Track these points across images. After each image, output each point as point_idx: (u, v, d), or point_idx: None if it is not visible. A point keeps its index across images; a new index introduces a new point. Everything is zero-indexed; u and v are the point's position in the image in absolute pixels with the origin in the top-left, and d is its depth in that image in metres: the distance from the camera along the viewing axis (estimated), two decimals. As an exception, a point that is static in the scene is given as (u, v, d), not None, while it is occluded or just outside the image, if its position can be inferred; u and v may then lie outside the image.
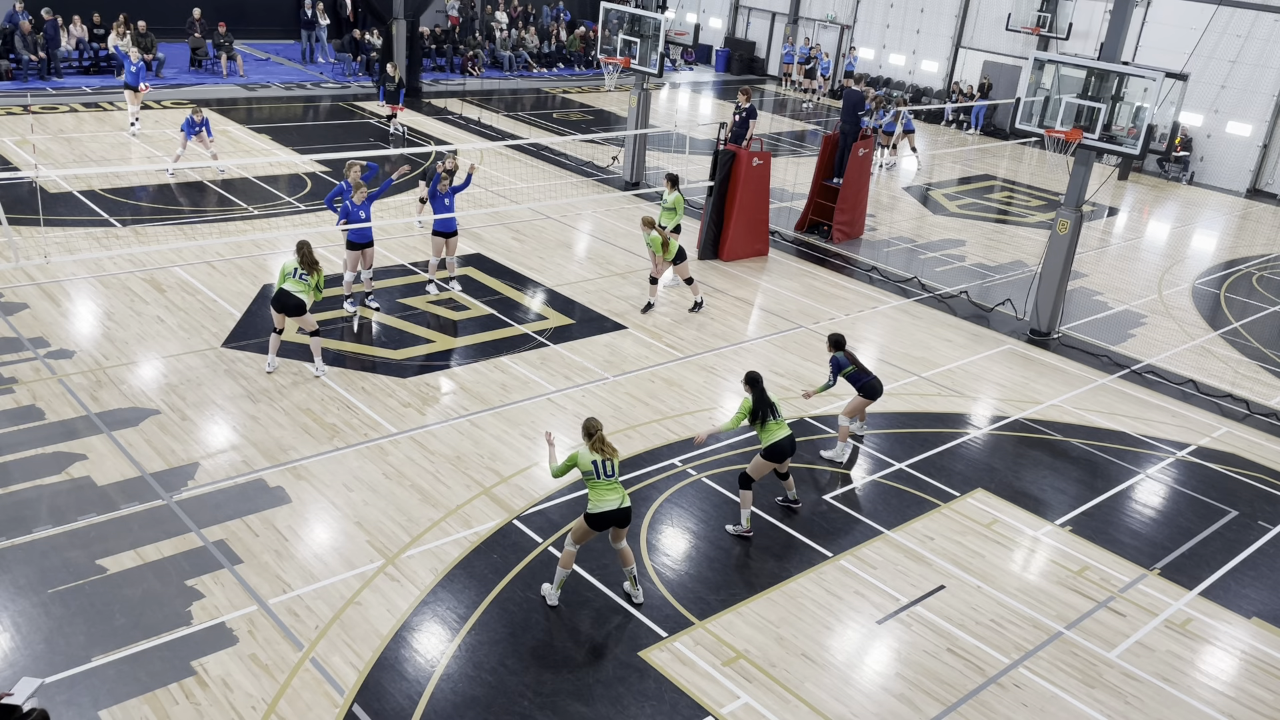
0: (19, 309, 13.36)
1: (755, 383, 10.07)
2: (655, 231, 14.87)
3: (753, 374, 10.15)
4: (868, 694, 8.30)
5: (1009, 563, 10.26)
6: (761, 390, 10.03)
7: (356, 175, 13.71)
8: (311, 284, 11.90)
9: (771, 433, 9.99)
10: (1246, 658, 9.26)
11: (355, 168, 13.75)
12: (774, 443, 9.99)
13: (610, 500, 8.53)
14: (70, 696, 7.44)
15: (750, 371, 10.18)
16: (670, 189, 16.04)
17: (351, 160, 14.00)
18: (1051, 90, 15.24)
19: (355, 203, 13.63)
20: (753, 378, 10.12)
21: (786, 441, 10.04)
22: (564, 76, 34.86)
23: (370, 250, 14.06)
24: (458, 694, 7.83)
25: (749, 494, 10.18)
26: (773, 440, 9.99)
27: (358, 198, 13.63)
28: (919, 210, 23.15)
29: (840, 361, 11.60)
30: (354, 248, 13.92)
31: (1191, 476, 12.34)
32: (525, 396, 12.46)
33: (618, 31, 20.90)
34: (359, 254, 13.99)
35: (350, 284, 14.16)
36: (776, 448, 10.01)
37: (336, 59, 31.32)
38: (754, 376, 10.12)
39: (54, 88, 25.34)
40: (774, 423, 9.98)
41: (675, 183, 16.09)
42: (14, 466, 10.02)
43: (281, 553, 9.21)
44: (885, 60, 36.06)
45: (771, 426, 9.98)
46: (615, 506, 8.54)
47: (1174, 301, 18.70)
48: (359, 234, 13.82)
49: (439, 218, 14.54)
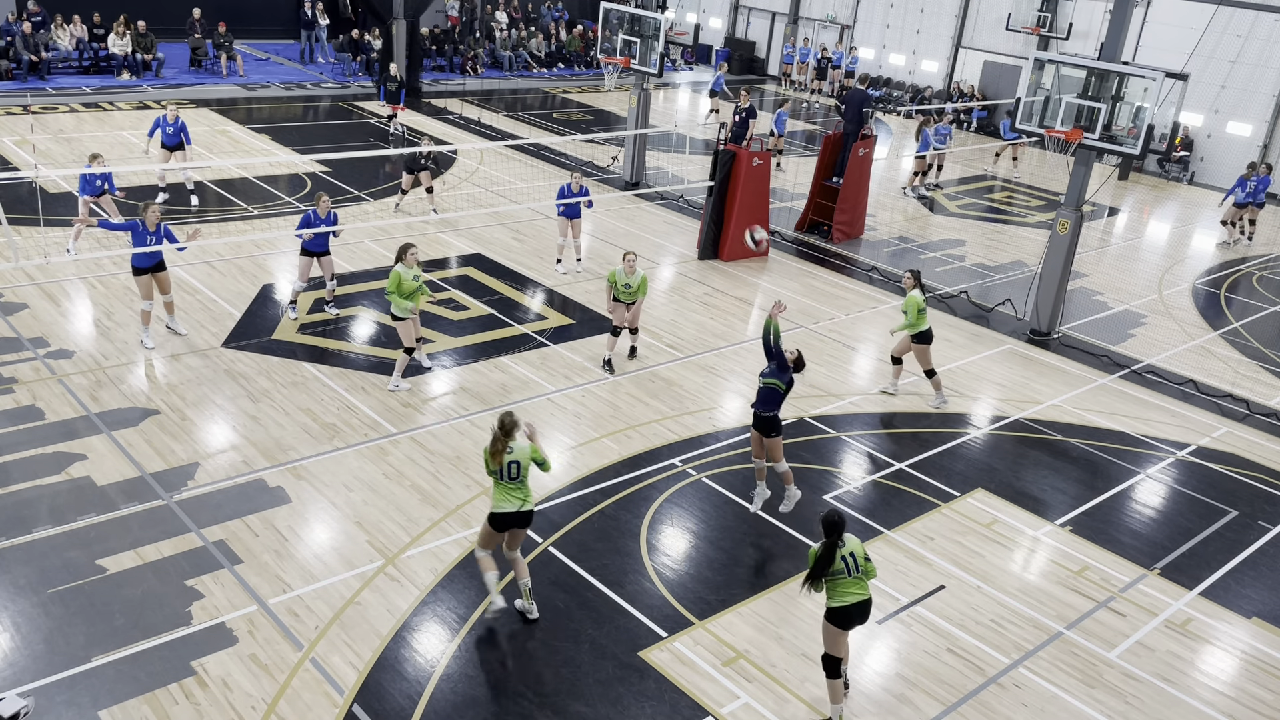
0: (19, 309, 13.36)
1: (836, 528, 7.53)
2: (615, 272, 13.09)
3: (834, 517, 7.57)
4: (868, 694, 8.30)
5: (1009, 563, 10.26)
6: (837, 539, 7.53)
7: (327, 206, 13.37)
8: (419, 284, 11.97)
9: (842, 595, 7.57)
10: (1246, 658, 9.26)
11: (325, 200, 13.38)
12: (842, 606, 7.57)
13: (511, 503, 8.19)
14: (70, 696, 7.44)
15: (831, 514, 7.60)
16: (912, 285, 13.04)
17: (320, 194, 13.58)
18: (1052, 90, 15.24)
19: (319, 214, 13.34)
20: (833, 523, 7.54)
21: (857, 607, 7.58)
22: (564, 76, 34.86)
23: (327, 259, 13.68)
24: (458, 694, 7.83)
25: (837, 684, 7.80)
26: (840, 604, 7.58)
27: (321, 209, 13.33)
28: (919, 210, 23.16)
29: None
30: (309, 255, 13.54)
31: (1191, 476, 12.34)
32: (525, 396, 12.45)
33: (618, 31, 20.91)
34: (312, 261, 13.58)
35: (299, 292, 13.81)
36: (844, 612, 7.58)
37: (336, 59, 31.31)
38: (835, 521, 7.55)
39: (54, 88, 25.34)
40: (848, 580, 7.56)
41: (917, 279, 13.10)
42: (14, 466, 10.02)
43: (281, 553, 9.21)
44: (885, 60, 36.05)
45: (844, 585, 7.57)
46: (514, 509, 8.18)
47: (1174, 301, 18.70)
48: (317, 242, 13.43)
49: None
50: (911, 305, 12.79)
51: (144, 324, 12.68)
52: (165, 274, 12.66)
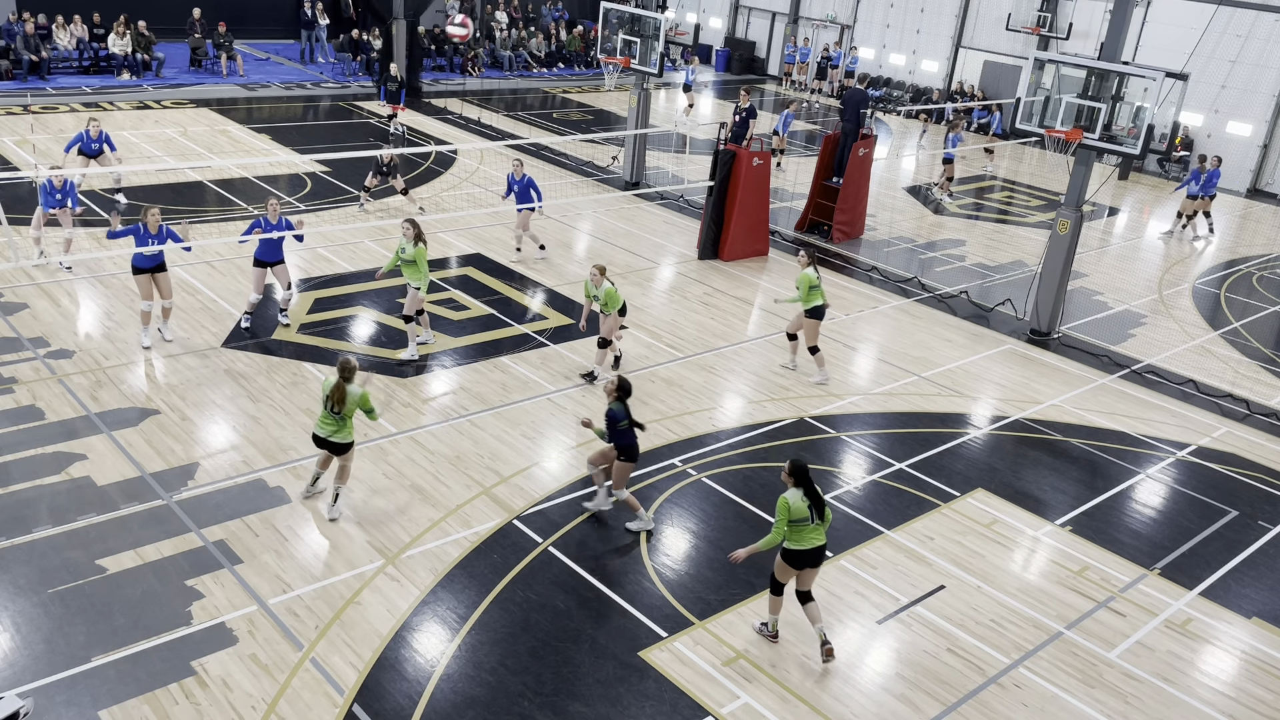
0: (19, 309, 13.36)
1: (803, 474, 8.21)
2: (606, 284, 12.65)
3: (799, 464, 8.24)
4: (868, 694, 8.30)
5: (1009, 563, 10.26)
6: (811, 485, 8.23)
7: (278, 211, 12.90)
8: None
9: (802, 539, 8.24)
10: (1246, 658, 9.26)
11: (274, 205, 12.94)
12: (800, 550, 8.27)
13: (324, 430, 9.63)
14: (70, 696, 7.44)
15: (795, 461, 8.27)
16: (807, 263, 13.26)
17: (271, 199, 13.17)
18: (1052, 90, 15.24)
19: (270, 219, 12.84)
20: (799, 469, 8.22)
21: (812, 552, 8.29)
22: (564, 76, 34.86)
23: (281, 268, 13.15)
24: (458, 694, 7.83)
25: (779, 600, 8.61)
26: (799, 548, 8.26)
27: (272, 215, 12.86)
28: (919, 210, 23.16)
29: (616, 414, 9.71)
30: (262, 265, 13.04)
31: (1191, 476, 12.34)
32: (525, 396, 12.45)
33: (618, 31, 20.91)
34: (265, 272, 13.08)
35: (255, 304, 13.24)
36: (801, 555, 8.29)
37: (336, 59, 31.33)
38: (800, 467, 8.23)
39: (54, 88, 25.34)
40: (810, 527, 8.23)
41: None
42: (14, 466, 10.02)
43: (281, 553, 9.21)
44: (885, 60, 36.06)
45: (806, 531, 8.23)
46: (325, 435, 9.63)
47: (1174, 301, 18.70)
48: (270, 251, 12.99)
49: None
50: (803, 282, 13.10)
51: (143, 324, 12.67)
52: (166, 275, 12.64)
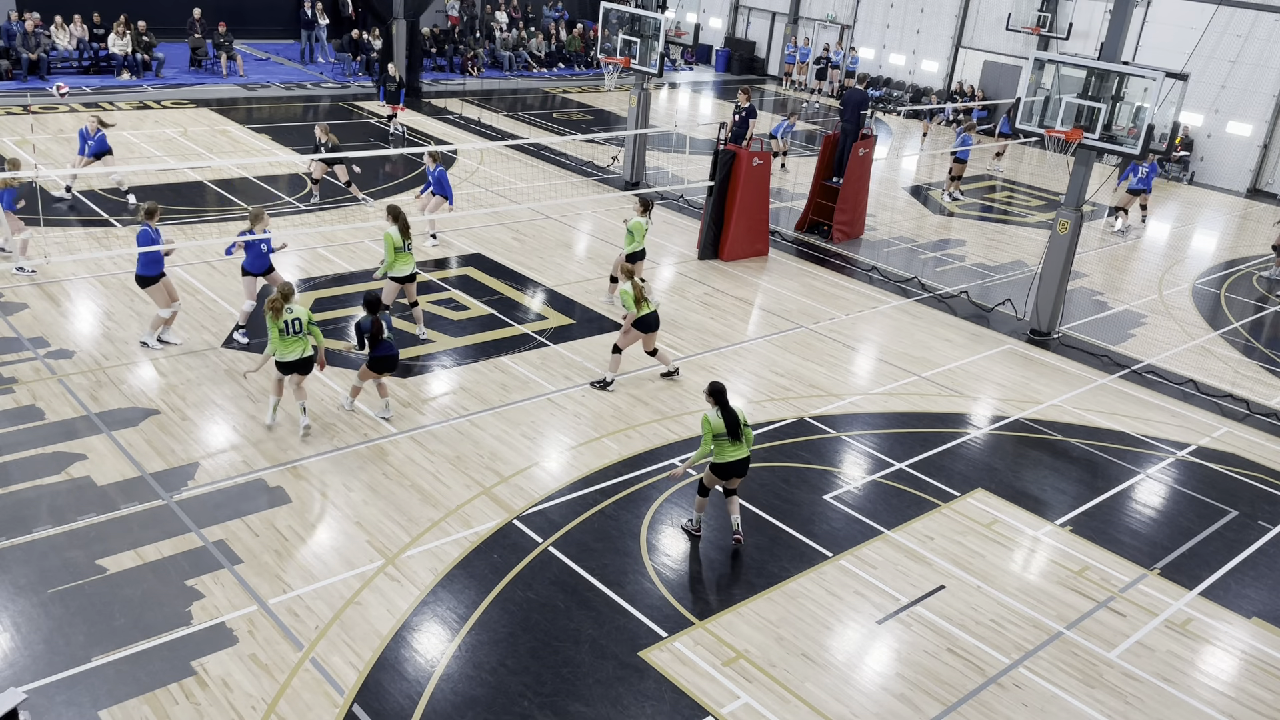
0: (19, 309, 13.36)
1: (720, 395, 9.49)
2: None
3: (717, 385, 9.59)
4: (868, 694, 8.30)
5: (1009, 563, 10.26)
6: (726, 405, 9.45)
7: (265, 222, 12.75)
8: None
9: (724, 454, 9.51)
10: (1246, 658, 9.26)
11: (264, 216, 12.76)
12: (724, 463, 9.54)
13: (293, 352, 10.70)
14: (70, 696, 7.44)
15: (715, 383, 9.63)
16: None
17: (259, 207, 12.99)
18: (1052, 90, 15.24)
19: (255, 231, 12.66)
20: (717, 389, 9.55)
21: (735, 464, 9.55)
22: (564, 76, 34.86)
23: (274, 275, 12.96)
24: (458, 694, 7.83)
25: (704, 501, 10.00)
26: (723, 461, 9.54)
27: (258, 228, 12.60)
28: (919, 210, 23.16)
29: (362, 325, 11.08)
30: (250, 275, 12.85)
31: (1191, 476, 12.34)
32: (525, 396, 12.45)
33: (618, 31, 20.91)
34: (256, 280, 12.86)
35: (248, 313, 13.02)
36: (726, 467, 9.56)
37: (336, 59, 31.33)
38: (718, 388, 9.56)
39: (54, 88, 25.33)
40: (728, 444, 9.46)
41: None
42: (14, 466, 10.02)
43: (281, 553, 9.21)
44: (885, 60, 36.06)
45: (726, 447, 9.47)
46: (297, 357, 10.73)
47: (1174, 301, 18.70)
48: (258, 262, 12.80)
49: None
50: (626, 297, 12.35)
51: (168, 325, 12.74)
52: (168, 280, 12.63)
